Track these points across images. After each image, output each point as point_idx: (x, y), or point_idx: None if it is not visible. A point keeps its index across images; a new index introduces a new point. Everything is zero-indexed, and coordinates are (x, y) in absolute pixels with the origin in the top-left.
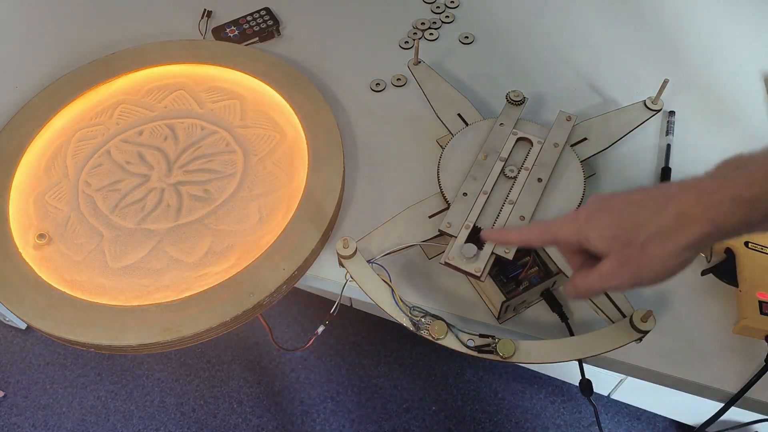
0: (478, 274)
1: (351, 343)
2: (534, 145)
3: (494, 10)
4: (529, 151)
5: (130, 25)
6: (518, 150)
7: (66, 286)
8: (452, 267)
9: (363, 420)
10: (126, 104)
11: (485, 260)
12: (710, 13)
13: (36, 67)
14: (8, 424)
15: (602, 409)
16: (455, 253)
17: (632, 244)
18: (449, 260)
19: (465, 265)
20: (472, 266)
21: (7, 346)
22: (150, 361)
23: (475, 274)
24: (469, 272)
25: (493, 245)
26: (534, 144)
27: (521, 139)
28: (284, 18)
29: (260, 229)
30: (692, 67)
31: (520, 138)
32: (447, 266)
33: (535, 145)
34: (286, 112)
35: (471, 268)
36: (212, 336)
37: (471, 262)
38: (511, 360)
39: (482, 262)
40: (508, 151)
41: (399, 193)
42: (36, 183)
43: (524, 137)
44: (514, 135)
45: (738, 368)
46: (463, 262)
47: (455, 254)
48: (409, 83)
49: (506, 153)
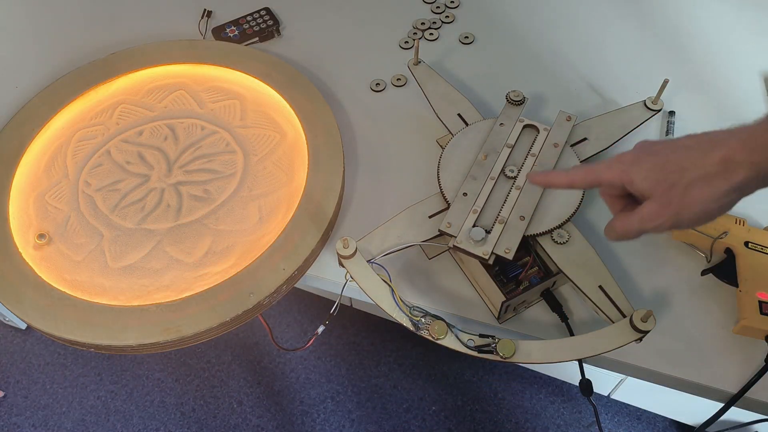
0: (486, 257)
1: (351, 343)
2: (540, 132)
3: (494, 10)
4: (529, 149)
5: (130, 25)
6: (518, 149)
7: (66, 286)
8: (460, 251)
9: (363, 420)
10: (126, 104)
11: (492, 244)
12: (710, 13)
13: (36, 67)
14: (8, 424)
15: (602, 409)
16: (463, 237)
17: (675, 186)
18: (457, 244)
19: (473, 249)
20: (480, 249)
21: (7, 346)
22: (150, 361)
23: (483, 257)
24: (477, 255)
25: (499, 231)
26: (540, 131)
27: (528, 126)
28: (284, 18)
29: (260, 229)
30: (692, 67)
31: (527, 126)
32: (455, 250)
33: (542, 132)
34: (286, 112)
35: (479, 252)
36: (212, 336)
37: (479, 246)
38: (511, 360)
39: (490, 246)
40: (515, 138)
41: (399, 193)
42: (36, 183)
43: (531, 124)
44: (520, 122)
45: (738, 368)
46: (471, 246)
47: (463, 238)
48: (409, 83)
49: (513, 140)
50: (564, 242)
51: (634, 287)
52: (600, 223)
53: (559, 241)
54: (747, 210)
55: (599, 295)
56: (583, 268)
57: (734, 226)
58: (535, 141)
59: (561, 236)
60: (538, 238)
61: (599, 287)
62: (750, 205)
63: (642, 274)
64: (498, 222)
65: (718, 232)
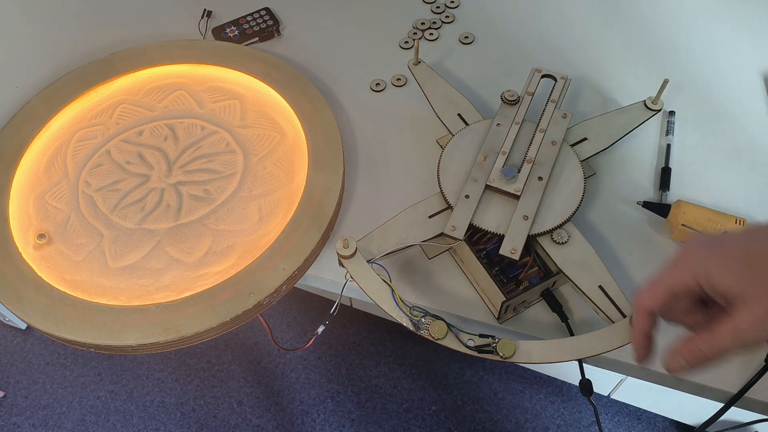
0: (518, 193)
1: (351, 343)
2: (558, 80)
3: (494, 10)
4: (528, 148)
5: (130, 25)
6: (517, 149)
7: (66, 286)
8: (494, 189)
9: (363, 420)
10: (126, 104)
11: (524, 180)
12: (710, 12)
13: (36, 67)
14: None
15: (602, 409)
16: (495, 176)
17: None
18: (490, 182)
19: (506, 186)
20: (512, 186)
21: (7, 346)
22: (150, 361)
23: (515, 194)
24: (510, 192)
25: (529, 167)
26: (558, 80)
27: (546, 76)
28: (284, 18)
29: (260, 229)
30: (692, 67)
31: (545, 75)
32: (488, 189)
33: (559, 81)
34: (286, 112)
35: (511, 188)
36: (212, 336)
37: (511, 183)
38: (511, 360)
39: (521, 182)
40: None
41: (399, 193)
42: (36, 183)
43: (549, 74)
44: (538, 72)
45: (738, 368)
46: (503, 183)
47: (495, 176)
48: (409, 83)
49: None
50: (564, 242)
51: (634, 287)
52: (600, 223)
53: (559, 241)
54: (747, 210)
55: (599, 295)
56: (583, 268)
57: (734, 226)
58: (533, 141)
59: (561, 236)
60: (538, 238)
61: (599, 287)
62: (750, 205)
63: (642, 274)
64: (526, 161)
65: (718, 232)
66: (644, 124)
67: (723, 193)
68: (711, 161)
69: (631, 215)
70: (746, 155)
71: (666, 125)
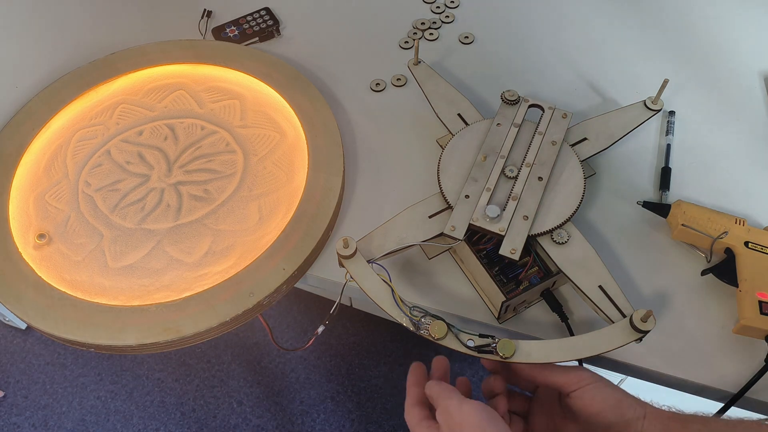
0: (503, 233)
1: (351, 343)
2: (545, 111)
3: (494, 10)
4: (528, 148)
5: (130, 25)
6: (517, 149)
7: (66, 286)
8: (477, 228)
9: (363, 420)
10: (126, 104)
11: (508, 220)
12: (710, 12)
13: (36, 67)
14: (8, 424)
15: None
16: (479, 215)
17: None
18: (474, 222)
19: (489, 226)
20: (496, 226)
21: (7, 346)
22: (150, 361)
23: (500, 234)
24: (494, 232)
25: (515, 205)
26: (545, 110)
27: (533, 106)
28: (284, 18)
29: (260, 229)
30: (692, 67)
31: (532, 105)
32: (471, 228)
33: (547, 111)
34: (286, 112)
35: (495, 228)
36: (212, 336)
37: (495, 223)
38: (511, 360)
39: (505, 222)
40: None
41: (399, 193)
42: (36, 183)
43: (536, 104)
44: (525, 102)
45: (738, 368)
46: (487, 223)
47: (479, 215)
48: (409, 83)
49: (519, 119)
50: (564, 242)
51: (634, 287)
52: (600, 223)
53: (558, 241)
54: (747, 210)
55: (599, 295)
56: (583, 268)
57: (734, 226)
58: (533, 140)
59: (561, 236)
60: (538, 238)
61: (599, 287)
62: (750, 205)
63: (642, 274)
64: (511, 199)
65: (718, 232)
66: (644, 124)
67: (723, 193)
68: (711, 161)
69: (631, 215)
70: (746, 155)
71: (666, 125)
